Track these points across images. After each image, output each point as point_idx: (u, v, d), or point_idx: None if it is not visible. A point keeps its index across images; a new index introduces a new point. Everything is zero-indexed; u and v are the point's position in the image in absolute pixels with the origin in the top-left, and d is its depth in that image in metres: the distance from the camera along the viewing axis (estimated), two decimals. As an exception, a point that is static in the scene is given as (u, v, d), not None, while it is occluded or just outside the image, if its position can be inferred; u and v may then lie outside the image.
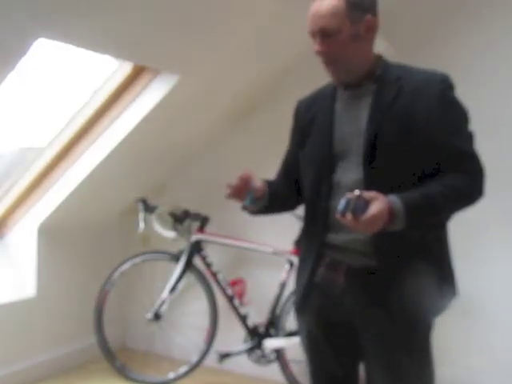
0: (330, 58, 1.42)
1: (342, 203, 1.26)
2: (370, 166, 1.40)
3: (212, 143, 3.24)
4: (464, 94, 1.47)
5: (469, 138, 1.44)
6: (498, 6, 2.65)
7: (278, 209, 1.69)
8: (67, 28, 2.08)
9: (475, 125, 1.46)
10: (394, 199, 1.30)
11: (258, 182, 1.50)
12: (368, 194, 1.27)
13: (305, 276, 1.53)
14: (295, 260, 2.78)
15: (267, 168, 1.97)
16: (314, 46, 1.44)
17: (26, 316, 3.00)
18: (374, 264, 1.40)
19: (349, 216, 1.25)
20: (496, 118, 2.61)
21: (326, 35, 1.39)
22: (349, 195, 1.26)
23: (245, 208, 1.60)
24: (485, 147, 1.49)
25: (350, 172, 1.44)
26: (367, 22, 1.42)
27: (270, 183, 1.60)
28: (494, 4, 2.66)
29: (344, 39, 1.39)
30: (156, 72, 2.66)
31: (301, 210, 1.66)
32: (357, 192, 1.25)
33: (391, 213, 1.29)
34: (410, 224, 1.31)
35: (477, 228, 2.62)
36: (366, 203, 1.26)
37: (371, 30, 1.44)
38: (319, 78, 1.63)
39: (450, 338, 2.47)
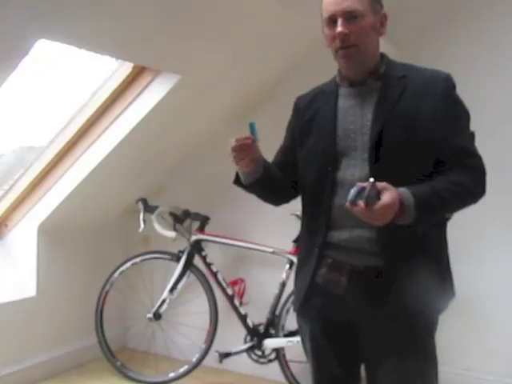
0: (349, 43, 1.40)
1: (352, 192, 1.25)
2: (375, 163, 1.39)
3: (212, 143, 3.24)
4: (464, 94, 1.47)
5: (471, 137, 1.45)
6: (498, 6, 2.66)
7: (270, 190, 1.62)
8: (68, 29, 2.09)
9: (475, 125, 1.47)
10: (405, 191, 1.30)
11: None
12: (380, 184, 1.26)
13: (306, 277, 1.52)
14: (295, 260, 2.78)
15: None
16: (330, 31, 1.42)
17: (25, 316, 3.00)
18: (379, 263, 1.40)
19: (361, 204, 1.24)
20: (496, 118, 2.61)
21: (350, 17, 1.38)
22: (362, 183, 1.25)
23: (236, 182, 1.57)
24: (484, 147, 1.49)
25: (354, 169, 1.43)
26: (383, 16, 1.45)
27: (266, 162, 1.57)
28: (495, 4, 2.67)
29: (366, 26, 1.40)
30: (156, 72, 2.66)
31: (300, 210, 1.66)
32: (372, 180, 1.24)
33: (402, 204, 1.28)
34: (419, 218, 1.31)
35: (476, 228, 2.62)
36: (378, 193, 1.25)
37: (384, 25, 1.46)
38: (319, 78, 1.63)
39: (450, 338, 2.47)
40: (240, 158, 1.45)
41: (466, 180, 1.39)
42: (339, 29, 1.39)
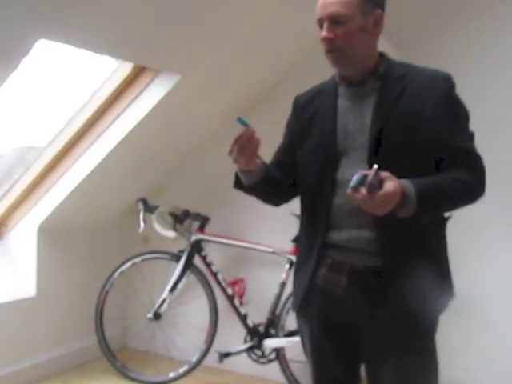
0: (334, 46, 1.41)
1: (354, 179, 1.24)
2: (375, 163, 1.39)
3: (212, 143, 3.24)
4: (464, 94, 1.47)
5: (471, 137, 1.46)
6: (498, 6, 2.66)
7: (271, 191, 1.60)
8: (68, 29, 2.09)
9: (475, 125, 1.47)
10: (407, 183, 1.30)
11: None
12: (383, 173, 1.26)
13: (305, 277, 1.51)
14: (295, 260, 2.78)
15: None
16: (319, 33, 1.42)
17: (26, 316, 3.00)
18: (378, 263, 1.40)
19: (363, 191, 1.23)
20: (496, 119, 2.61)
21: (335, 22, 1.38)
22: (364, 171, 1.25)
23: (236, 185, 1.55)
24: (484, 147, 1.49)
25: (353, 169, 1.41)
26: (376, 16, 1.42)
27: (266, 163, 1.56)
28: (495, 4, 2.67)
29: (352, 29, 1.39)
30: (156, 72, 2.66)
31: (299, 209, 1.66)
32: (376, 167, 1.23)
33: (403, 194, 1.28)
34: (419, 210, 1.30)
35: (476, 228, 2.63)
36: (380, 181, 1.24)
37: (379, 25, 1.44)
38: (319, 77, 1.63)
39: (450, 338, 2.47)
40: (242, 154, 1.40)
41: (466, 178, 1.39)
42: (323, 33, 1.41)
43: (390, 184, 1.25)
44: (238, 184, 1.55)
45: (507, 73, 2.65)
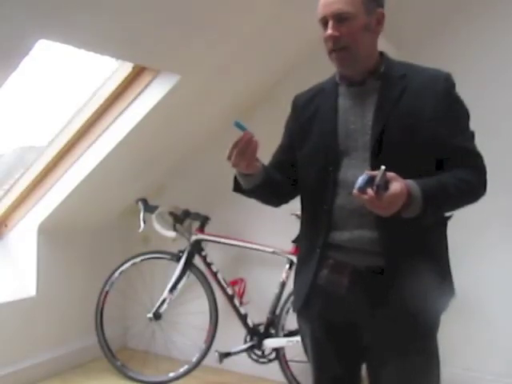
0: (339, 45, 1.40)
1: (361, 180, 1.24)
2: (377, 163, 1.39)
3: (212, 143, 3.24)
4: (464, 93, 1.47)
5: (471, 136, 1.46)
6: (498, 6, 2.66)
7: (271, 193, 1.60)
8: (68, 29, 2.09)
9: (475, 125, 1.47)
10: (412, 183, 1.30)
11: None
12: (389, 174, 1.26)
13: (307, 278, 1.51)
14: (295, 260, 2.78)
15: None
16: (323, 32, 1.42)
17: (26, 316, 3.00)
18: (380, 263, 1.40)
19: (370, 192, 1.23)
20: (496, 118, 2.61)
21: (340, 19, 1.38)
22: (371, 172, 1.25)
23: (236, 189, 1.55)
24: (485, 147, 1.49)
25: (355, 169, 1.42)
26: (379, 15, 1.43)
27: (265, 166, 1.56)
28: (495, 4, 2.67)
29: (357, 27, 1.39)
30: (156, 72, 2.66)
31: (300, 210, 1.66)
32: (383, 167, 1.23)
33: (409, 195, 1.28)
34: (425, 210, 1.30)
35: (476, 228, 2.63)
36: (386, 182, 1.25)
37: (381, 23, 1.44)
38: (319, 77, 1.63)
39: (449, 337, 2.46)
40: (241, 158, 1.40)
41: (469, 178, 1.39)
42: (329, 31, 1.40)
43: (397, 185, 1.25)
44: (238, 188, 1.55)
45: (507, 73, 2.65)
